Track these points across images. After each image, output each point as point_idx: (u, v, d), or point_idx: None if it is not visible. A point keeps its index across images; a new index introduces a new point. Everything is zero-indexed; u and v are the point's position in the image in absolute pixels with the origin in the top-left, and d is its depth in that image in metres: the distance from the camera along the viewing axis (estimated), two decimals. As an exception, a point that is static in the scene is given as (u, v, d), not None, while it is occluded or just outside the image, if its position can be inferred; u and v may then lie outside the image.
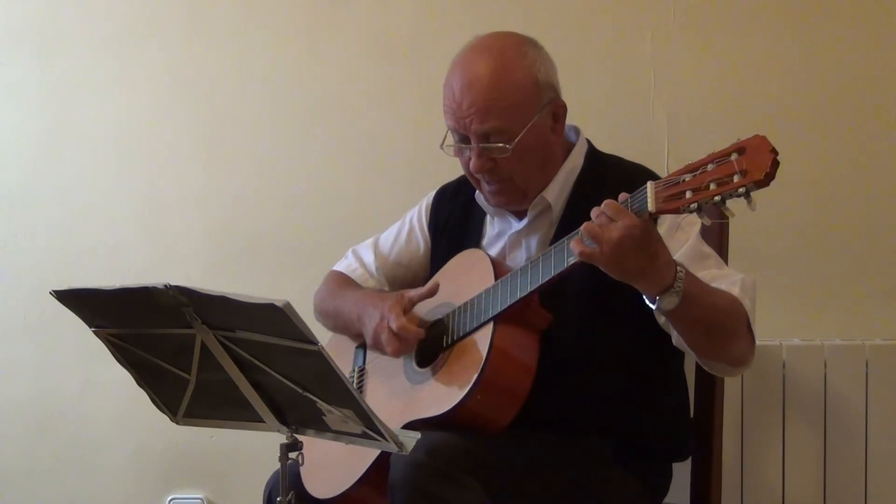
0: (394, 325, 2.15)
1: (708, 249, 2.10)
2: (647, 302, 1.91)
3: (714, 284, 1.99)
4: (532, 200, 2.19)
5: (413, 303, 2.20)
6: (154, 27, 3.10)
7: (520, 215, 2.25)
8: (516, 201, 2.21)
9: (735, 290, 2.00)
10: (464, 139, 2.15)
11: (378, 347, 2.24)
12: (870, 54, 2.85)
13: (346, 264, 2.51)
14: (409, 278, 2.45)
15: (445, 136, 2.20)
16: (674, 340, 2.06)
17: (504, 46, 2.15)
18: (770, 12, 2.88)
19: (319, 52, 3.05)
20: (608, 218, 1.82)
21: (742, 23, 2.89)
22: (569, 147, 2.25)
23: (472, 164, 2.14)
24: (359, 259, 2.50)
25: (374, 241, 2.51)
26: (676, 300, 1.86)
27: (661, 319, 2.04)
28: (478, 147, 2.12)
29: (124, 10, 3.11)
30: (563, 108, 2.19)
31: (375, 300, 2.28)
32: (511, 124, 2.10)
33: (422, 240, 2.44)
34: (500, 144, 2.10)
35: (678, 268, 1.87)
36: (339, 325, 2.42)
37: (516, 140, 2.10)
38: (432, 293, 2.21)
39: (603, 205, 1.84)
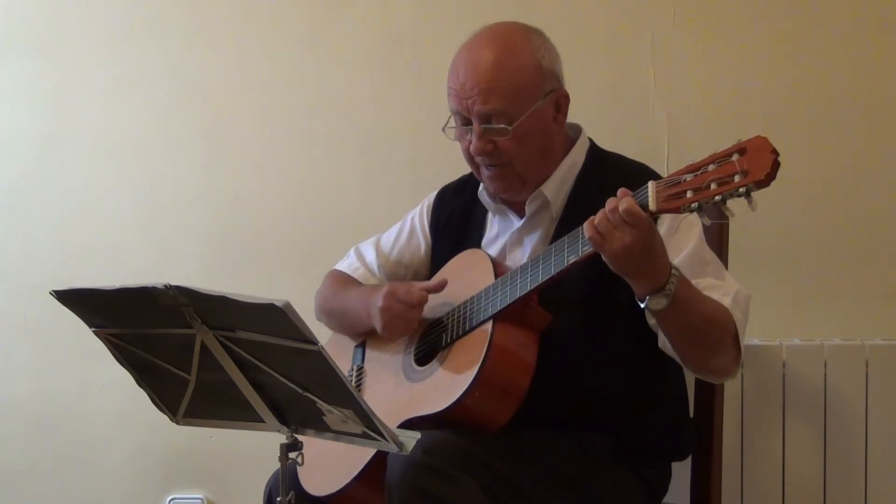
0: (407, 298, 2.16)
1: (709, 256, 2.10)
2: (637, 300, 1.92)
3: (707, 293, 1.99)
4: (531, 190, 2.20)
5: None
6: (154, 27, 3.10)
7: (520, 213, 2.25)
8: (515, 189, 2.21)
9: (727, 302, 2.00)
10: (466, 121, 2.16)
11: (389, 328, 2.22)
12: (870, 54, 2.85)
13: (347, 263, 2.52)
14: (409, 278, 2.45)
15: (448, 120, 2.21)
16: (659, 343, 2.07)
17: (510, 32, 2.18)
18: (770, 12, 2.88)
19: (319, 51, 3.05)
20: (624, 221, 1.82)
21: (742, 23, 2.89)
22: (570, 143, 2.25)
23: (472, 146, 2.15)
24: (360, 257, 2.50)
25: (375, 240, 2.51)
26: (665, 302, 1.87)
27: (652, 321, 2.05)
28: (479, 128, 2.13)
29: (124, 11, 3.11)
30: (566, 98, 2.20)
31: (379, 291, 2.27)
32: (513, 107, 2.11)
33: (423, 239, 2.44)
34: (502, 126, 2.11)
35: (672, 270, 1.88)
36: (346, 323, 2.42)
37: (517, 122, 2.11)
38: (439, 289, 2.21)
39: (622, 210, 1.82)
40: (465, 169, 2.30)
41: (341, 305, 2.40)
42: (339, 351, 2.41)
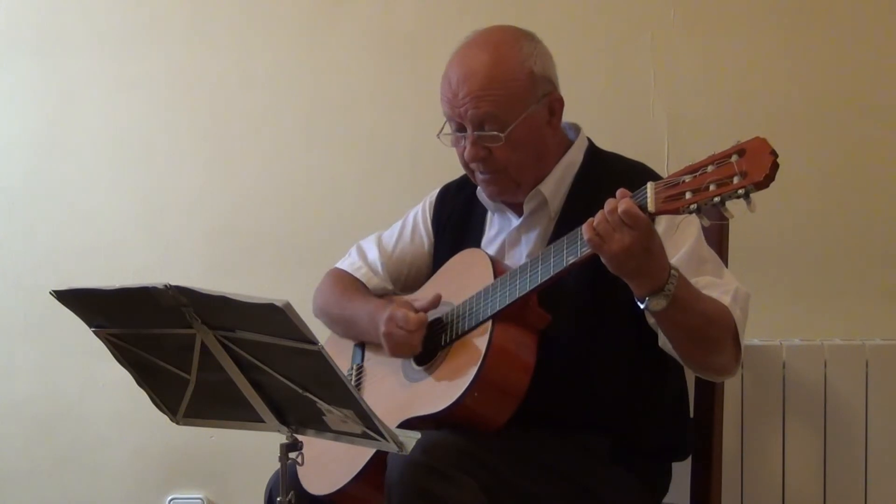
0: (406, 325, 2.15)
1: (707, 253, 2.10)
2: (636, 301, 1.92)
3: (707, 292, 1.99)
4: (526, 192, 2.20)
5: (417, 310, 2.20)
6: (154, 27, 3.10)
7: (519, 212, 2.25)
8: (510, 192, 2.22)
9: (726, 300, 2.00)
10: (460, 128, 2.17)
11: (395, 351, 2.21)
12: (869, 54, 2.85)
13: (349, 262, 2.51)
14: (412, 275, 2.45)
15: (443, 126, 2.22)
16: (660, 342, 2.07)
17: (500, 40, 2.18)
18: (770, 12, 2.88)
19: (319, 51, 3.05)
20: (623, 223, 1.82)
21: (742, 23, 2.89)
22: (568, 143, 2.26)
23: (466, 152, 2.17)
24: (362, 256, 2.49)
25: (377, 238, 2.51)
26: (665, 302, 1.88)
27: (652, 321, 2.05)
28: (472, 135, 2.14)
29: (124, 10, 3.11)
30: (560, 101, 2.20)
31: (382, 312, 2.25)
32: (505, 114, 2.12)
33: (425, 237, 2.44)
34: (494, 133, 2.12)
35: (672, 271, 1.88)
36: (352, 334, 2.42)
37: (509, 129, 2.12)
38: (435, 304, 2.20)
39: (620, 211, 1.83)
40: (465, 169, 2.30)
41: (350, 316, 2.39)
42: (338, 350, 2.41)
